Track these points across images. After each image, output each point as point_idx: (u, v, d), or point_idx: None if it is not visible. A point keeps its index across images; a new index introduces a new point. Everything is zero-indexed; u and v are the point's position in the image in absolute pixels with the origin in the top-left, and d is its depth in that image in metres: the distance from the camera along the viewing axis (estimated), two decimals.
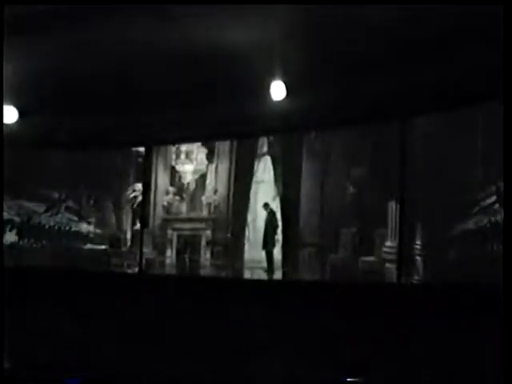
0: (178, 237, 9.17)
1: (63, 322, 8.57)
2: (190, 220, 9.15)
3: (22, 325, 7.59)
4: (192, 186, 9.09)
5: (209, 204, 8.98)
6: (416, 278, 7.17)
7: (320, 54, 6.36)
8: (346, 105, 7.44)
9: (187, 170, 9.13)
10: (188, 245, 9.12)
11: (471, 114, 6.74)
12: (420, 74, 6.50)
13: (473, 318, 6.26)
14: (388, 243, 7.45)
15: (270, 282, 8.39)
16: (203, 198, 9.03)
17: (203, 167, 9.02)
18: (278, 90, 7.12)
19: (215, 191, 8.93)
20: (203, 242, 8.97)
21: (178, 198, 9.21)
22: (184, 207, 9.18)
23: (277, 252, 8.36)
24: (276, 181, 8.56)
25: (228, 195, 8.88)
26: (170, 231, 9.21)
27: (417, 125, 7.30)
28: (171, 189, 9.26)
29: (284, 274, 8.29)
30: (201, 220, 9.08)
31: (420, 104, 7.14)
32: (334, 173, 7.99)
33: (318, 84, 7.01)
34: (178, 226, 9.21)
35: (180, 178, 9.19)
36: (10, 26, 5.66)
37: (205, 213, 9.01)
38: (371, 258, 7.56)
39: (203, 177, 9.03)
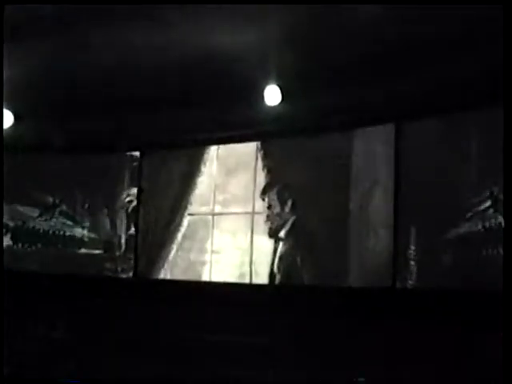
0: None
1: (57, 326, 8.56)
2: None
3: (15, 328, 7.55)
4: (186, 191, 9.07)
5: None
6: (411, 282, 7.16)
7: (315, 58, 6.38)
8: (341, 109, 7.46)
9: (182, 174, 9.11)
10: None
11: (467, 118, 6.77)
12: (416, 78, 6.52)
13: (468, 322, 6.28)
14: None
15: (265, 286, 8.38)
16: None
17: (198, 172, 9.00)
18: (272, 95, 7.14)
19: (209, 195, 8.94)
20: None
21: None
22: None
23: (271, 256, 8.35)
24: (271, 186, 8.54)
25: (221, 200, 8.89)
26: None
27: (412, 129, 7.32)
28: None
29: (279, 278, 8.28)
30: None
31: (415, 108, 7.17)
32: (329, 177, 7.99)
33: (313, 88, 7.04)
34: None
35: (175, 182, 9.17)
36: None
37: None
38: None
39: (197, 181, 9.01)
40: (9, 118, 8.03)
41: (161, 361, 7.88)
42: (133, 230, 9.27)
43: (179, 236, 9.02)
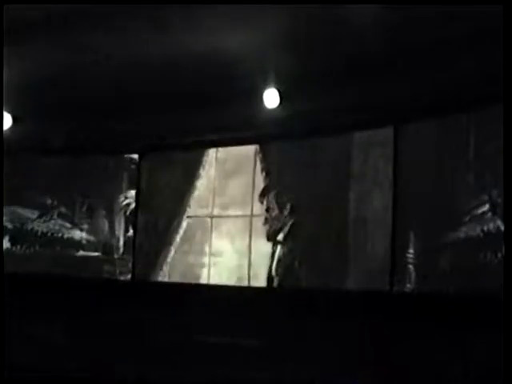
0: None
1: (55, 329, 8.57)
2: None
3: (13, 330, 7.55)
4: (185, 193, 9.06)
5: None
6: (408, 286, 7.15)
7: (314, 60, 6.38)
8: (340, 112, 7.47)
9: (181, 177, 9.11)
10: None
11: (464, 120, 6.77)
12: (415, 80, 6.53)
13: (466, 326, 6.28)
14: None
15: (263, 289, 8.37)
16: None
17: (196, 174, 8.99)
18: (271, 97, 7.15)
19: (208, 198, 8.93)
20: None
21: None
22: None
23: (270, 259, 8.35)
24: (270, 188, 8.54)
25: (220, 202, 8.89)
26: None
27: (411, 131, 7.32)
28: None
29: (277, 281, 8.28)
30: None
31: (413, 110, 7.17)
32: (328, 180, 7.99)
33: (311, 91, 7.04)
34: None
35: (173, 184, 9.16)
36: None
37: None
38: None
39: (196, 184, 9.00)
40: (7, 120, 8.04)
41: (159, 362, 7.88)
42: (131, 232, 9.27)
43: (178, 238, 9.01)
